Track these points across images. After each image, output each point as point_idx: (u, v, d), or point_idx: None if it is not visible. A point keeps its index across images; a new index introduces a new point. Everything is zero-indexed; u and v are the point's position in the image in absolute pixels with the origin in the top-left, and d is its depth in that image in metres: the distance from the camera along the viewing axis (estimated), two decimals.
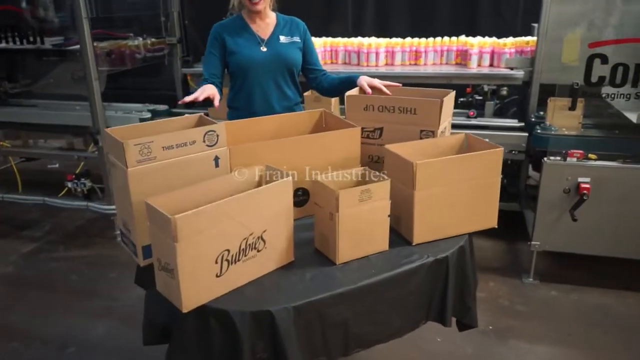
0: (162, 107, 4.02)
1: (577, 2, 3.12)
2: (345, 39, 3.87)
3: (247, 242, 1.53)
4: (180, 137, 1.63)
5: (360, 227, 1.67)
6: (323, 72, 2.54)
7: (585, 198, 2.75)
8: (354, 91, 2.22)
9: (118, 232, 1.69)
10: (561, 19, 3.12)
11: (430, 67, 3.72)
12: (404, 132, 2.03)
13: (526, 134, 3.29)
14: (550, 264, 3.23)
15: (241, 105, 2.45)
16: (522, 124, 3.44)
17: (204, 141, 1.68)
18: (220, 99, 2.33)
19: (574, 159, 2.82)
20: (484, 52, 3.57)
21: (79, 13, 3.19)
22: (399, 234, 1.83)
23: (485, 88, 3.81)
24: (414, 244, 1.78)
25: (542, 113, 3.38)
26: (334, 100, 3.57)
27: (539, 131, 3.18)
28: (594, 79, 2.58)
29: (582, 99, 3.13)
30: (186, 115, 1.90)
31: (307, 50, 2.49)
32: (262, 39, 2.39)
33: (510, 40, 3.54)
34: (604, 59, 2.52)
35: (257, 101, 2.42)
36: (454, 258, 1.75)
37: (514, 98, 3.82)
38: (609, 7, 3.00)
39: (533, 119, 3.37)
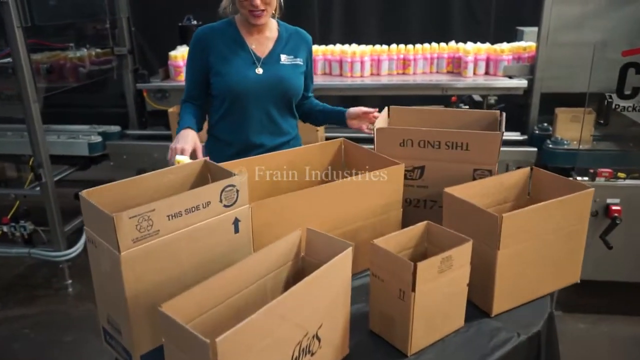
0: (114, 128, 3.45)
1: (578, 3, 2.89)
2: (324, 47, 3.46)
3: (300, 346, 1.09)
4: (190, 199, 1.16)
5: (437, 304, 1.26)
6: (310, 96, 2.09)
7: (617, 222, 2.48)
8: (383, 122, 1.81)
9: (102, 330, 1.19)
10: (566, 22, 2.88)
11: (419, 76, 3.37)
12: (451, 171, 1.64)
13: (535, 149, 3.00)
14: (568, 292, 2.94)
15: (223, 136, 1.93)
16: (525, 137, 3.17)
17: (220, 201, 1.22)
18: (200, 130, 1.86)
19: (602, 179, 2.55)
20: (479, 59, 3.26)
21: (10, 21, 2.58)
22: (469, 301, 1.44)
23: (477, 97, 3.54)
24: (492, 315, 1.40)
25: (545, 125, 3.12)
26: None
27: (550, 146, 2.91)
28: (627, 90, 2.30)
29: (589, 109, 2.91)
30: (182, 161, 1.42)
31: (306, 75, 2.00)
32: (259, 57, 1.86)
33: (506, 45, 3.26)
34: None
35: (242, 135, 1.89)
36: (544, 330, 1.39)
37: (500, 107, 3.57)
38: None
39: (537, 132, 3.10)
